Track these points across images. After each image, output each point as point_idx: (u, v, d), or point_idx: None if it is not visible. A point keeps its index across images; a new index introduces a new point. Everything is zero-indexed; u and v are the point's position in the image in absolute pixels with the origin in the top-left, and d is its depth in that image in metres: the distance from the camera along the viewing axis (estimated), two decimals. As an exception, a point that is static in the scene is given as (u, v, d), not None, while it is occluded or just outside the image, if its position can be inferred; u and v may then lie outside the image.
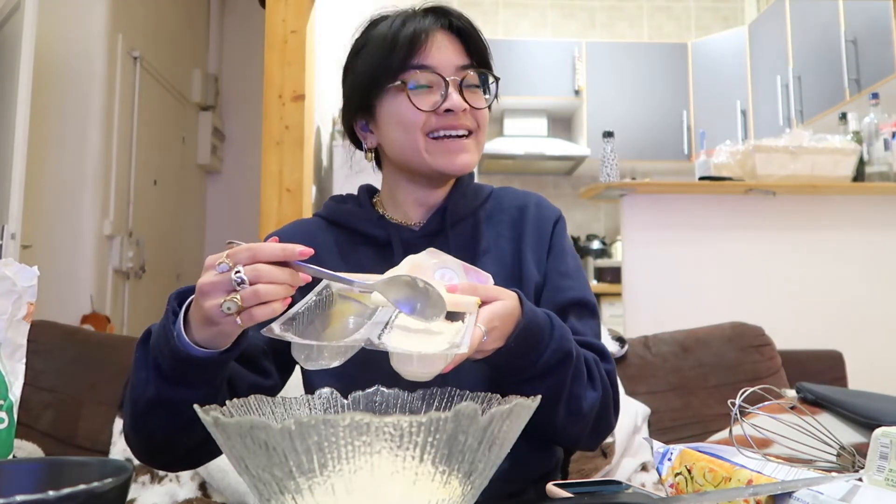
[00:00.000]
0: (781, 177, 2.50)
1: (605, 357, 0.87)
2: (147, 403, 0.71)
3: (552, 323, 0.75)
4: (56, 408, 1.39)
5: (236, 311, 0.61)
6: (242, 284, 0.60)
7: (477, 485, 0.51)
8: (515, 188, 1.00)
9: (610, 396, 0.85)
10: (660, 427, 1.53)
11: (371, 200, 0.96)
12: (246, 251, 0.62)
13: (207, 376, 0.69)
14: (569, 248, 0.95)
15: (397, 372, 0.62)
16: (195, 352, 0.66)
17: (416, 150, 0.85)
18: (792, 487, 0.55)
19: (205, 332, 0.65)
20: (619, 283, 2.58)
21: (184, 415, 0.70)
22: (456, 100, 0.84)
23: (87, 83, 3.27)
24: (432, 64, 0.84)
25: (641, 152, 4.66)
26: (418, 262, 0.71)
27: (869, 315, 2.48)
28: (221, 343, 0.66)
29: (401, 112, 0.85)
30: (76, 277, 3.16)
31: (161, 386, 0.69)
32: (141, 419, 0.73)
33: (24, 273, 0.68)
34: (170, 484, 1.33)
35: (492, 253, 0.91)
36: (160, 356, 0.68)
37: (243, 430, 0.46)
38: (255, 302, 0.61)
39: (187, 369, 0.67)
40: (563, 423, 0.79)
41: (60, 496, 0.38)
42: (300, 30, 2.66)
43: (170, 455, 0.78)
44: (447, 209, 0.91)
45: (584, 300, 0.90)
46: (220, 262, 0.62)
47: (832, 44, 3.72)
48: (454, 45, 0.86)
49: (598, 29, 5.30)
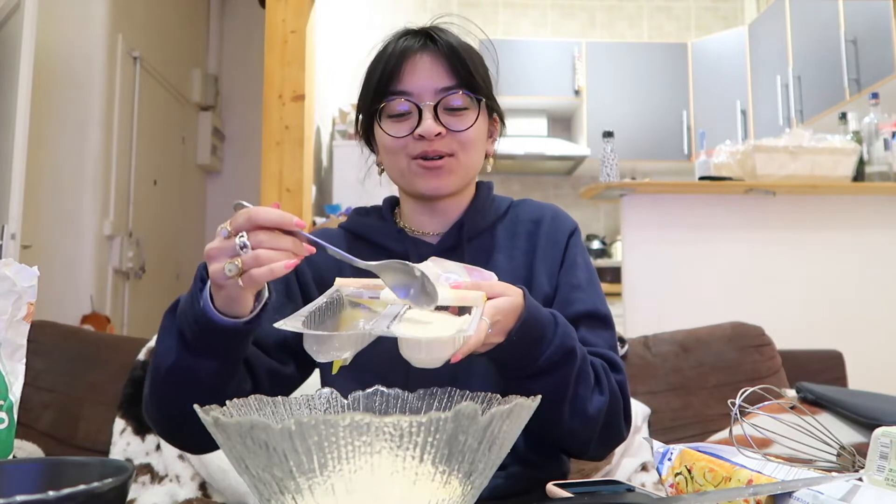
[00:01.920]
0: (781, 177, 2.50)
1: (615, 367, 0.86)
2: (166, 371, 0.72)
3: (556, 320, 0.76)
4: (56, 408, 1.39)
5: (237, 273, 0.62)
6: (245, 249, 0.62)
7: (477, 485, 0.51)
8: (533, 200, 1.01)
9: (619, 405, 0.84)
10: (660, 427, 1.53)
11: (392, 213, 0.98)
12: (244, 216, 0.63)
13: (226, 347, 0.70)
14: (582, 260, 0.94)
15: (407, 360, 0.63)
16: (217, 318, 0.67)
17: (401, 174, 0.89)
18: (792, 487, 0.55)
19: (217, 298, 0.67)
20: (619, 283, 2.58)
21: (197, 386, 0.72)
22: (427, 126, 0.84)
23: (87, 83, 3.27)
24: (408, 90, 0.86)
25: (641, 152, 4.66)
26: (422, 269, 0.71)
27: (869, 315, 2.48)
28: (235, 310, 0.67)
29: (383, 138, 0.88)
30: (76, 277, 3.16)
31: (181, 354, 0.71)
32: (158, 388, 0.74)
33: (24, 273, 0.68)
34: (170, 484, 1.33)
35: (505, 267, 0.91)
36: (184, 323, 0.70)
37: (243, 430, 0.46)
38: (255, 265, 0.62)
39: (207, 336, 0.69)
40: (568, 424, 0.79)
41: (60, 496, 0.38)
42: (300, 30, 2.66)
43: (187, 431, 0.77)
44: (464, 224, 0.92)
45: (594, 312, 0.89)
46: (222, 228, 0.64)
47: (832, 44, 3.72)
48: (437, 66, 0.86)
49: (598, 29, 5.29)
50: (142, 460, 1.36)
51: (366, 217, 0.98)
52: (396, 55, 0.86)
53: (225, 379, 0.74)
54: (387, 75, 0.86)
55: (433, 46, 0.87)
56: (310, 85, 2.68)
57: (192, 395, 0.71)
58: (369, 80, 0.89)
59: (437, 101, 0.85)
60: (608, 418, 0.82)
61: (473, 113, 0.88)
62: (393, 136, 0.86)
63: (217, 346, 0.70)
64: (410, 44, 0.87)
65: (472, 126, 0.87)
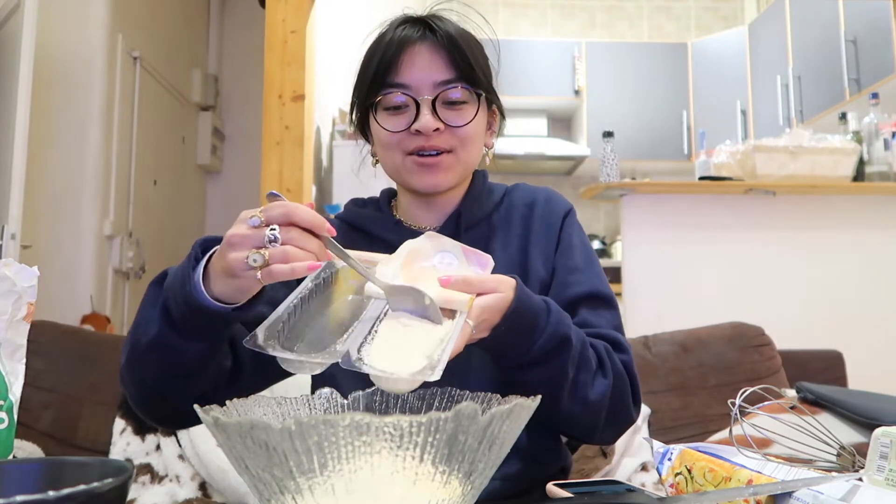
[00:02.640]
0: (781, 177, 2.50)
1: (619, 347, 0.83)
2: (146, 344, 0.70)
3: (549, 308, 0.73)
4: (56, 408, 1.39)
5: (261, 265, 0.60)
6: (274, 243, 0.60)
7: (477, 485, 0.51)
8: (527, 184, 0.98)
9: (626, 386, 0.81)
10: (660, 427, 1.53)
11: (390, 204, 0.97)
12: (281, 210, 0.61)
13: (212, 330, 0.68)
14: (579, 241, 0.92)
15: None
16: (207, 303, 0.65)
17: (396, 170, 0.87)
18: (792, 487, 0.55)
19: (223, 284, 0.64)
20: (619, 283, 2.57)
21: (179, 364, 0.70)
22: (424, 121, 0.82)
23: (87, 83, 3.27)
24: (406, 82, 0.83)
25: (641, 152, 4.66)
26: (417, 248, 0.71)
27: (869, 315, 2.48)
28: (237, 298, 0.65)
29: (379, 131, 0.86)
30: (76, 277, 3.16)
31: (164, 330, 0.69)
32: (137, 359, 0.72)
33: (24, 273, 0.68)
34: (170, 484, 1.33)
35: (501, 255, 0.89)
36: (171, 299, 0.67)
37: (243, 430, 0.46)
38: (281, 261, 0.60)
39: (195, 319, 0.66)
40: (569, 411, 0.77)
41: (60, 496, 0.38)
42: (300, 30, 2.66)
43: (161, 407, 0.76)
44: (461, 214, 0.90)
45: (595, 292, 0.87)
46: (252, 216, 0.61)
47: (832, 44, 3.72)
48: (436, 58, 0.84)
49: (598, 29, 5.30)
50: (142, 460, 1.36)
51: (363, 208, 0.96)
52: (395, 45, 0.83)
53: (207, 358, 0.72)
54: (384, 66, 0.84)
55: (432, 37, 0.84)
56: (310, 85, 2.68)
57: (172, 371, 0.70)
58: (366, 69, 0.87)
59: (436, 95, 0.83)
60: (614, 401, 0.80)
61: (473, 107, 0.85)
62: (389, 131, 0.84)
63: (204, 329, 0.68)
64: (409, 33, 0.84)
65: (471, 121, 0.85)
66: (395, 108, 0.84)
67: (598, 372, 0.79)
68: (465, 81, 0.85)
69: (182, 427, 0.81)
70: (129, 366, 0.74)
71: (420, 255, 0.70)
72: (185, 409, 0.74)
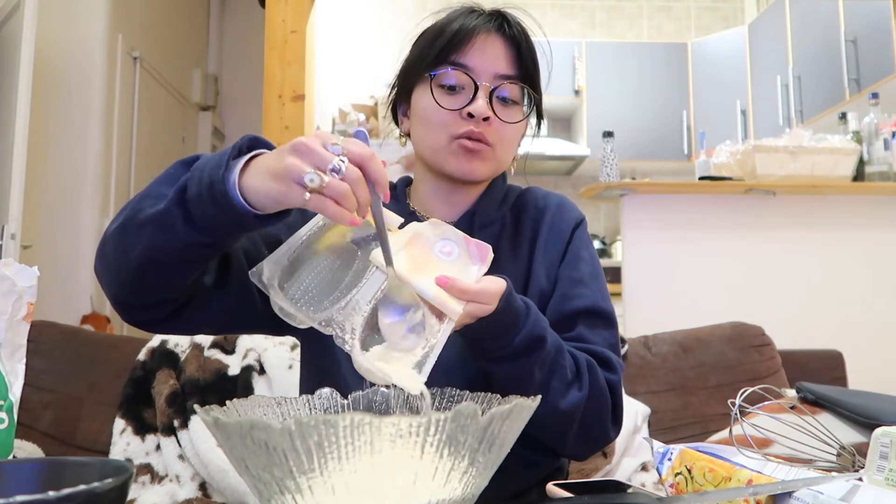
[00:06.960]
0: (781, 177, 2.50)
1: (607, 365, 0.82)
2: (148, 216, 0.66)
3: (528, 310, 0.73)
4: (56, 408, 1.39)
5: (316, 187, 0.57)
6: (336, 173, 0.58)
7: (477, 485, 0.52)
8: (541, 188, 0.98)
9: (605, 405, 0.80)
10: (660, 427, 1.53)
11: (406, 193, 0.95)
12: (360, 150, 0.59)
13: (221, 226, 0.65)
14: (587, 254, 0.90)
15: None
16: (233, 193, 0.61)
17: (434, 150, 0.85)
18: (792, 487, 0.55)
19: (260, 183, 0.61)
20: (618, 282, 2.58)
21: (171, 249, 0.66)
22: (479, 106, 0.81)
23: (87, 83, 3.27)
24: (469, 64, 0.83)
25: (641, 152, 4.66)
26: (420, 232, 0.71)
27: (869, 315, 2.48)
28: (264, 205, 0.62)
29: (426, 106, 0.84)
30: (76, 277, 3.16)
31: (172, 209, 0.64)
32: (131, 228, 0.68)
33: (24, 273, 0.68)
34: (170, 484, 1.33)
35: (508, 259, 0.88)
36: (195, 179, 0.63)
37: (243, 430, 0.46)
38: (334, 196, 0.58)
39: (212, 207, 0.62)
40: (538, 414, 0.77)
41: (60, 496, 0.38)
42: (300, 30, 2.66)
43: (138, 292, 0.71)
44: (476, 212, 0.90)
45: (595, 308, 0.85)
46: (332, 141, 0.59)
47: (832, 44, 3.72)
48: (502, 51, 0.84)
49: (598, 29, 5.29)
50: (142, 460, 1.36)
51: None
52: (467, 28, 0.83)
53: (196, 256, 0.68)
54: (452, 45, 0.83)
55: (507, 31, 0.85)
56: (310, 85, 2.68)
57: (160, 253, 0.66)
58: (428, 46, 0.85)
59: (495, 87, 0.83)
60: (588, 416, 0.78)
61: (523, 109, 0.86)
62: (442, 107, 0.82)
63: (214, 222, 0.64)
64: (483, 21, 0.84)
65: (520, 121, 0.86)
66: (451, 89, 0.83)
67: (575, 383, 0.77)
68: (525, 81, 0.86)
69: (160, 329, 0.76)
70: (119, 231, 0.69)
71: (422, 239, 0.70)
72: (160, 300, 0.72)
